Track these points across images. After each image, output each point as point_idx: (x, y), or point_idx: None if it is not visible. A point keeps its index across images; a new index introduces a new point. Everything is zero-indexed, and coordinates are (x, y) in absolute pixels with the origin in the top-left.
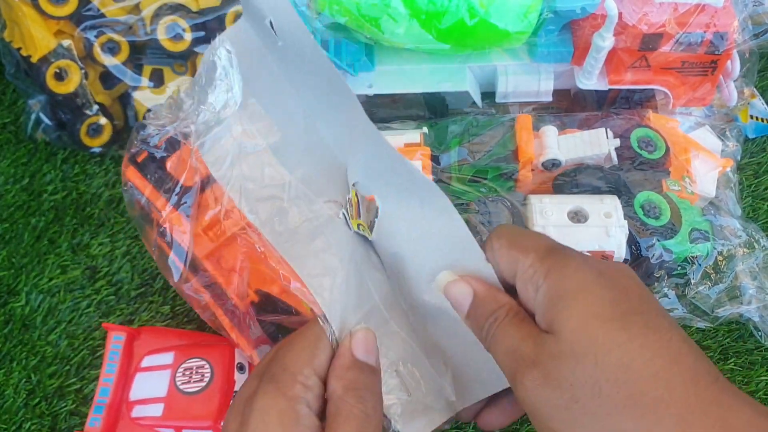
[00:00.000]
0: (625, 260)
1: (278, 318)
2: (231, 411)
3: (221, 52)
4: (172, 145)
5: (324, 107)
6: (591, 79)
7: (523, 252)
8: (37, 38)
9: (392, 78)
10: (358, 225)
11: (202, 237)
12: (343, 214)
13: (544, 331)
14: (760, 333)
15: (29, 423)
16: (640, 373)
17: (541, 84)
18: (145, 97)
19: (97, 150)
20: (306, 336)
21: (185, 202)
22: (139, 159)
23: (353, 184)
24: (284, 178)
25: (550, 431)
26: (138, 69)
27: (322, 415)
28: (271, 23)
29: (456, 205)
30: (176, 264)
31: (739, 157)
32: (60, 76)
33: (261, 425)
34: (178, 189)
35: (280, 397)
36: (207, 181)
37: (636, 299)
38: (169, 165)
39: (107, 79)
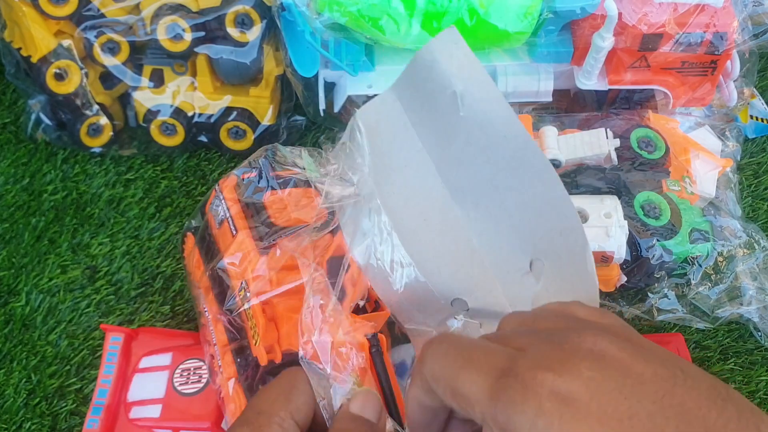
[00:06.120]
0: (625, 260)
1: None
2: None
3: (356, 129)
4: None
5: (506, 179)
6: (591, 79)
7: (464, 400)
8: (37, 38)
9: (392, 78)
10: None
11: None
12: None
13: None
14: (760, 333)
15: (29, 423)
16: None
17: (541, 84)
18: (145, 97)
19: (97, 150)
20: (281, 382)
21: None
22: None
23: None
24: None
25: None
26: (138, 69)
27: None
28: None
29: None
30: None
31: (738, 157)
32: (60, 77)
33: None
34: (269, 230)
35: None
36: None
37: None
38: (268, 201)
39: (107, 79)
